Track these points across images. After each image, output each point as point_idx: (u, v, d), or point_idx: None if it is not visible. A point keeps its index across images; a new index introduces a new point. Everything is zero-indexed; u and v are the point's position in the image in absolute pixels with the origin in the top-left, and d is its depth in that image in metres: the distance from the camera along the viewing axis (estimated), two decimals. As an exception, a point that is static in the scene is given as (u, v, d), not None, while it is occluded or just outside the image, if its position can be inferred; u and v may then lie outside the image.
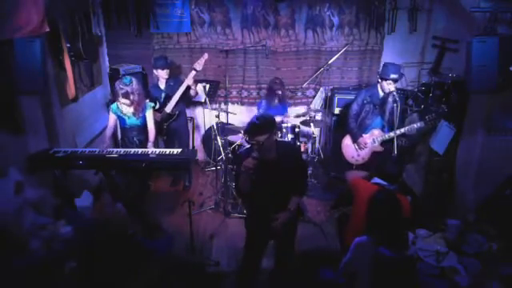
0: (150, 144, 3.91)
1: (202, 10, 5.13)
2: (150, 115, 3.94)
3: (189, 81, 4.47)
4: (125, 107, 3.79)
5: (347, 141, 4.28)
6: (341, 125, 4.87)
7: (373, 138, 4.08)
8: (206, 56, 4.47)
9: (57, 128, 3.80)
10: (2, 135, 3.18)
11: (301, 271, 3.26)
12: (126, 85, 3.65)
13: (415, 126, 3.93)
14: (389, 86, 3.90)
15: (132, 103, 3.73)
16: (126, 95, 3.66)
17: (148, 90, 4.95)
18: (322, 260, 3.50)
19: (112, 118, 3.91)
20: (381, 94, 4.04)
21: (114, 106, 3.89)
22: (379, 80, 4.01)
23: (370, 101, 4.07)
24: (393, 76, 3.85)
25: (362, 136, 4.11)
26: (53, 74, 3.73)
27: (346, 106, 4.66)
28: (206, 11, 5.14)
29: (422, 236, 3.31)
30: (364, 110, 4.12)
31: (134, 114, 3.84)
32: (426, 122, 3.90)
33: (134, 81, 3.74)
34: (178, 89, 4.52)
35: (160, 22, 5.09)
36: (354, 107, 4.15)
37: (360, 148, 4.15)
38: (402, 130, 3.91)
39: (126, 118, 3.89)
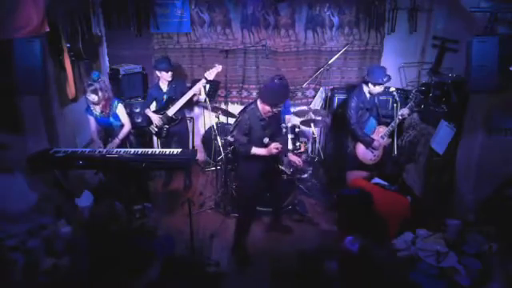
0: (116, 140, 3.95)
1: (202, 10, 5.13)
2: (121, 111, 3.99)
3: (196, 89, 4.45)
4: (95, 107, 3.84)
5: (361, 147, 4.26)
6: (339, 125, 4.84)
7: (381, 135, 4.19)
8: (219, 68, 4.42)
9: (57, 128, 3.81)
10: (2, 135, 3.19)
11: (301, 270, 3.25)
12: (95, 81, 3.70)
13: (404, 110, 4.08)
14: (380, 89, 4.03)
15: (100, 100, 3.77)
16: (95, 91, 3.71)
17: (148, 90, 4.95)
18: (322, 260, 3.49)
19: (91, 119, 3.99)
20: (367, 96, 4.13)
21: (87, 107, 3.94)
22: (368, 85, 4.04)
23: (363, 106, 4.15)
24: (385, 80, 3.96)
25: (373, 139, 4.15)
26: (53, 74, 3.74)
27: (341, 106, 4.79)
28: (205, 11, 5.13)
29: (422, 236, 3.30)
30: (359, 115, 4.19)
31: (102, 112, 3.89)
32: (410, 99, 4.12)
33: (102, 77, 3.81)
34: (180, 92, 4.49)
35: (160, 22, 5.10)
36: (353, 115, 4.13)
37: (375, 149, 4.22)
38: (400, 117, 4.07)
39: (99, 117, 3.94)
